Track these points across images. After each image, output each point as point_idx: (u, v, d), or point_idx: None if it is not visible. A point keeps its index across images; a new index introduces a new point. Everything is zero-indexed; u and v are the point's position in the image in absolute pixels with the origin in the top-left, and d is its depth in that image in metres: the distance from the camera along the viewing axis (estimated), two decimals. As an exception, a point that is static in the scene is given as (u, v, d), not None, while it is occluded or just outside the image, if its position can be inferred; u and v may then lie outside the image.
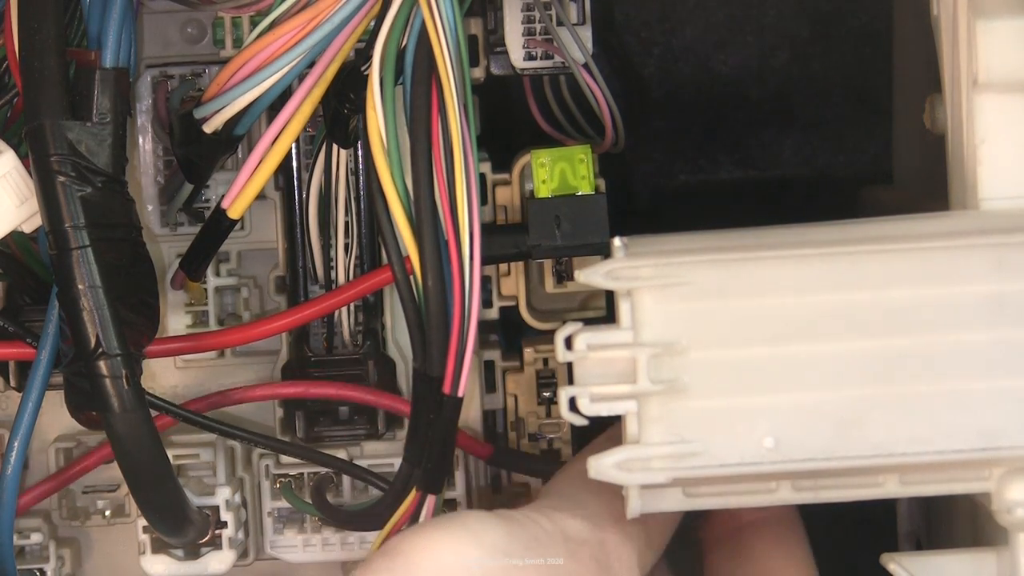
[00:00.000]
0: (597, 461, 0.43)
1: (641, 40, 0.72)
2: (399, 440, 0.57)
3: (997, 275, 0.43)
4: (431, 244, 0.45)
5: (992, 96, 0.46)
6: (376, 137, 0.46)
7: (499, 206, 0.57)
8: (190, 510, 0.48)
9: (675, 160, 0.73)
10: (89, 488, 0.57)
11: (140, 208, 0.55)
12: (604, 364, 0.43)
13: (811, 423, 0.43)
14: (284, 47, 0.46)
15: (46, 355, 0.48)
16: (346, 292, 0.52)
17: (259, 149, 0.48)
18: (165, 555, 0.55)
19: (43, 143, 0.43)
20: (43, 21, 0.44)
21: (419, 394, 0.47)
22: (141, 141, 0.56)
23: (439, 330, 0.45)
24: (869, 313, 0.43)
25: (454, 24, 0.45)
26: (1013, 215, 0.45)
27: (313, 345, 0.56)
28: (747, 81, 0.72)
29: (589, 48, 0.54)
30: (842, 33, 0.71)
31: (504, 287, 0.59)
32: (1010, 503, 0.43)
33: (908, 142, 0.61)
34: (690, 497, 0.44)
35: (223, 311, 0.58)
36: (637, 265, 0.43)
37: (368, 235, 0.56)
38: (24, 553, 0.57)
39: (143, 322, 0.46)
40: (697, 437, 0.43)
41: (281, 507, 0.57)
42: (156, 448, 0.45)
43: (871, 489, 0.44)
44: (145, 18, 0.57)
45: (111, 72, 0.45)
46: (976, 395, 0.43)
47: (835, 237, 0.44)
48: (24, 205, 0.46)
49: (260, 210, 0.58)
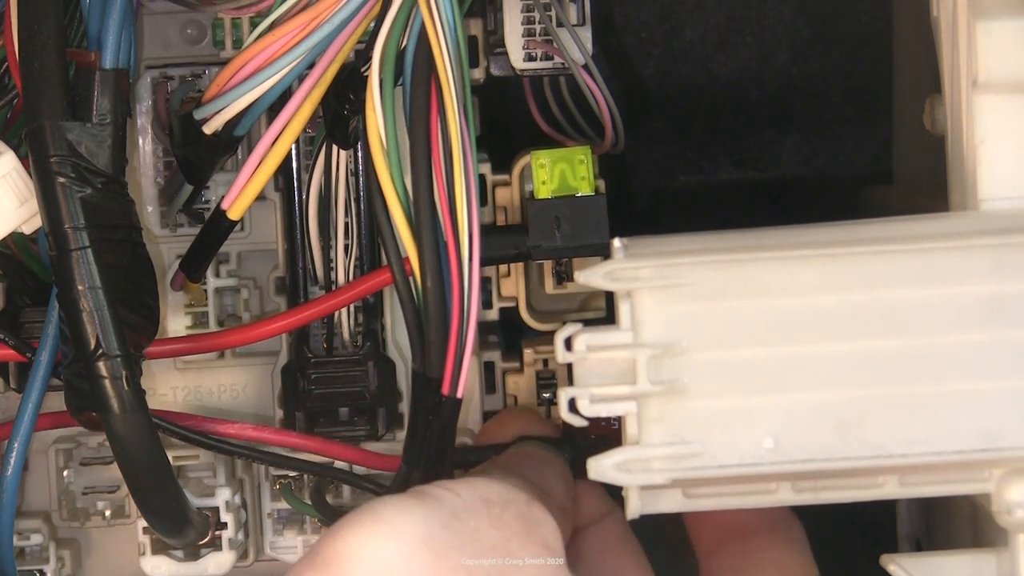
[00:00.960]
0: (597, 462, 0.43)
1: (641, 41, 0.72)
2: (399, 441, 0.57)
3: (997, 276, 0.43)
4: (430, 245, 0.45)
5: (992, 96, 0.46)
6: (376, 138, 0.46)
7: (499, 207, 0.57)
8: (190, 511, 0.48)
9: (675, 161, 0.73)
10: (89, 489, 0.57)
11: (140, 209, 0.55)
12: (604, 365, 0.43)
13: (811, 424, 0.43)
14: (284, 48, 0.46)
15: (46, 356, 0.48)
16: (346, 293, 0.52)
17: (259, 150, 0.48)
18: (165, 556, 0.55)
19: (43, 144, 0.43)
20: (43, 21, 0.44)
21: (418, 395, 0.47)
22: (141, 142, 0.56)
23: (438, 331, 0.45)
24: (869, 314, 0.43)
25: (454, 25, 0.45)
26: (1013, 215, 0.45)
27: (313, 346, 0.56)
28: (747, 81, 0.72)
29: (589, 49, 0.54)
30: (842, 33, 0.71)
31: (504, 288, 0.59)
32: (1010, 504, 0.43)
33: (908, 142, 0.61)
34: (690, 498, 0.44)
35: (223, 312, 0.58)
36: (637, 266, 0.43)
37: (368, 236, 0.56)
38: (24, 554, 0.57)
39: (143, 323, 0.46)
40: (697, 438, 0.43)
41: (281, 508, 0.57)
42: (156, 449, 0.45)
43: (871, 490, 0.44)
44: (145, 19, 0.57)
45: (111, 73, 0.45)
46: (976, 395, 0.43)
47: (835, 237, 0.44)
48: (24, 206, 0.46)
49: (260, 211, 0.58)
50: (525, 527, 0.42)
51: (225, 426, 0.50)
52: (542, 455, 0.49)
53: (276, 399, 0.58)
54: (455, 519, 0.41)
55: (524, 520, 0.42)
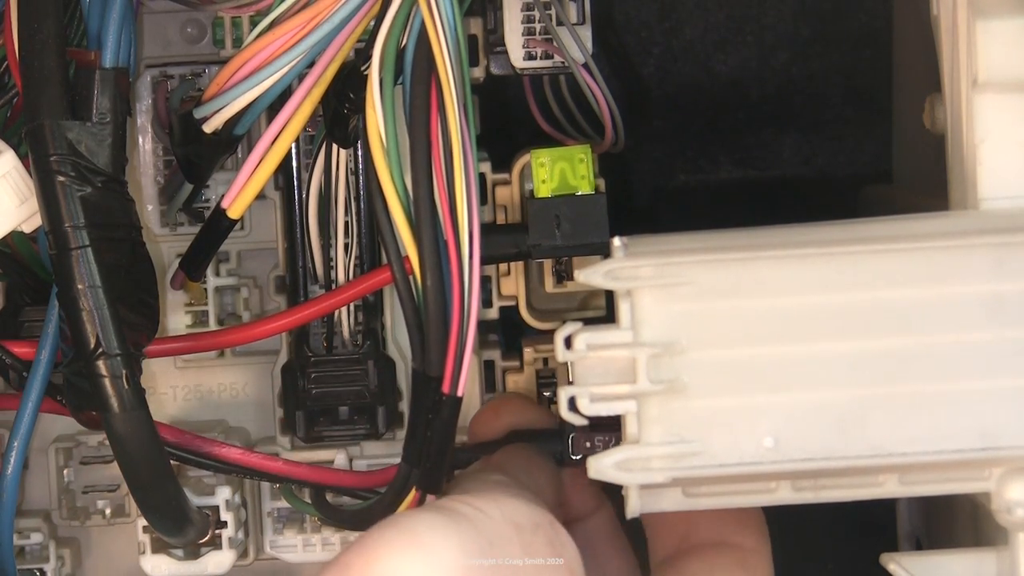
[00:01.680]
0: (597, 461, 0.43)
1: (641, 40, 0.72)
2: (399, 440, 0.57)
3: (997, 275, 0.43)
4: (430, 244, 0.45)
5: (992, 96, 0.46)
6: (376, 137, 0.46)
7: (499, 206, 0.58)
8: (190, 510, 0.48)
9: (675, 160, 0.73)
10: (89, 488, 0.58)
11: (140, 208, 0.55)
12: (604, 364, 0.43)
13: (811, 423, 0.43)
14: (284, 47, 0.46)
15: (46, 355, 0.48)
16: (346, 292, 0.52)
17: (259, 149, 0.48)
18: (165, 555, 0.55)
19: (43, 143, 0.43)
20: (43, 21, 0.44)
21: (418, 394, 0.47)
22: (141, 141, 0.56)
23: (438, 330, 0.45)
24: (869, 312, 0.43)
25: (454, 24, 0.45)
26: (1013, 215, 0.45)
27: (313, 345, 0.57)
28: (747, 81, 0.72)
29: (589, 48, 0.54)
30: (842, 33, 0.71)
31: (504, 287, 0.59)
32: (1010, 503, 0.43)
33: (908, 142, 0.61)
34: (690, 497, 0.44)
35: (223, 311, 0.58)
36: (637, 265, 0.43)
37: (368, 235, 0.56)
38: (24, 553, 0.57)
39: (143, 322, 0.46)
40: (697, 437, 0.43)
41: (281, 507, 0.57)
42: (156, 448, 0.45)
43: (871, 489, 0.44)
44: (145, 18, 0.57)
45: (111, 72, 0.45)
46: (976, 395, 0.43)
47: (835, 237, 0.44)
48: (24, 205, 0.46)
49: (260, 210, 0.58)
50: (553, 552, 0.42)
51: (213, 447, 0.49)
52: (532, 457, 0.48)
53: (276, 398, 0.58)
54: (491, 548, 0.40)
55: (552, 546, 0.42)
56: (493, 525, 0.41)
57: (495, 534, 0.41)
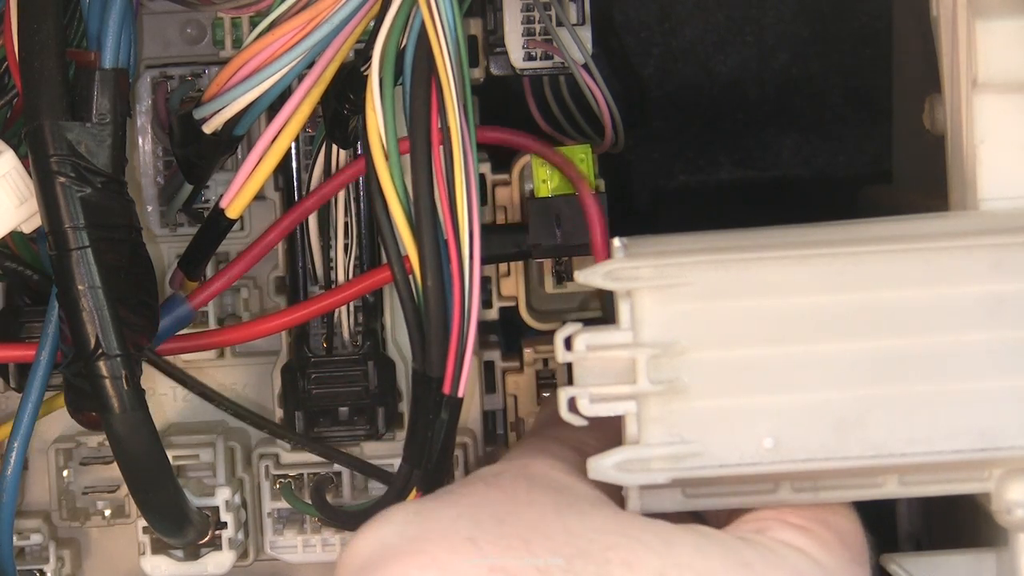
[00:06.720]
0: (597, 462, 0.43)
1: (641, 41, 0.72)
2: (399, 440, 0.57)
3: (996, 275, 0.43)
4: (430, 244, 0.45)
5: (991, 96, 0.46)
6: (375, 137, 0.46)
7: (499, 206, 0.58)
8: (190, 511, 0.48)
9: (675, 160, 0.73)
10: (89, 488, 0.58)
11: (140, 209, 0.55)
12: (604, 364, 0.43)
13: (811, 423, 0.43)
14: (283, 47, 0.46)
15: (46, 355, 0.48)
16: (345, 291, 0.52)
17: (258, 149, 0.48)
18: (165, 556, 0.55)
19: (43, 143, 0.43)
20: (43, 21, 0.44)
21: (419, 395, 0.47)
22: (141, 142, 0.56)
23: (439, 330, 0.45)
24: (868, 313, 0.43)
25: (454, 24, 0.45)
26: (1013, 215, 0.45)
27: (313, 345, 0.57)
28: (747, 81, 0.72)
29: (589, 48, 0.54)
30: (842, 33, 0.71)
31: (504, 287, 0.59)
32: (1009, 503, 0.43)
33: (908, 142, 0.61)
34: (690, 497, 0.44)
35: (223, 311, 0.58)
36: (637, 265, 0.43)
37: (368, 235, 0.56)
38: (24, 554, 0.57)
39: (143, 323, 0.46)
40: (697, 437, 0.43)
41: (281, 508, 0.57)
42: (156, 448, 0.45)
43: (871, 489, 0.44)
44: (145, 18, 0.57)
45: (111, 72, 0.45)
46: (976, 395, 0.43)
47: (835, 237, 0.44)
48: (24, 205, 0.46)
49: (259, 210, 0.58)
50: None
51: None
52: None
53: (276, 398, 0.58)
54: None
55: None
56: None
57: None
